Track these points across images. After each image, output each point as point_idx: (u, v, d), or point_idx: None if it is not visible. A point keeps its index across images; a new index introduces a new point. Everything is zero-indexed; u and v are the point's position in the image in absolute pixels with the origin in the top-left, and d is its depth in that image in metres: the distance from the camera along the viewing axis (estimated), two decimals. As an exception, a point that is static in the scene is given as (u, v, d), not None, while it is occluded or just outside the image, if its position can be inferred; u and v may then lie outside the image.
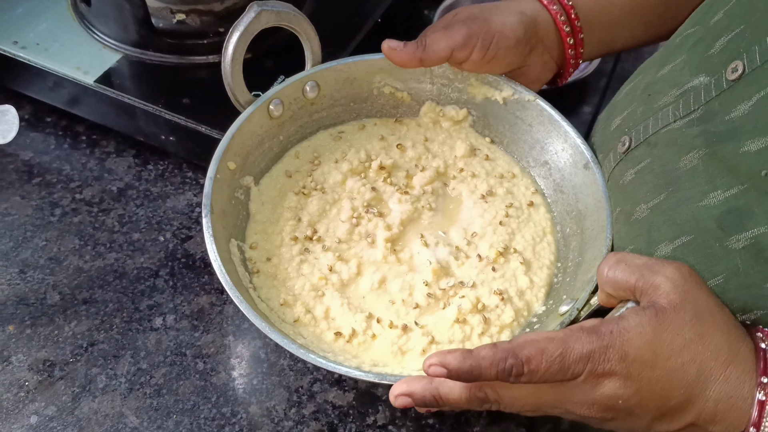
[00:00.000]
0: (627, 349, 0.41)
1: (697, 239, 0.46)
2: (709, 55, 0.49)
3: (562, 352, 0.41)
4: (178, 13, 0.71)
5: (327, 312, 0.56)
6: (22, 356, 0.58)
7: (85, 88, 0.68)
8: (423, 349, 0.54)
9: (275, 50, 0.70)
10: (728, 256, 0.44)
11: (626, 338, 0.42)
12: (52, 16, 0.74)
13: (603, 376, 0.42)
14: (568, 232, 0.61)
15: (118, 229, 0.67)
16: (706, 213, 0.46)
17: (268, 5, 0.57)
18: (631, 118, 0.56)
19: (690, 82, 0.50)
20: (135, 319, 0.61)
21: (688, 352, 0.41)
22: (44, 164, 0.71)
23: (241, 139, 0.60)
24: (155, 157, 0.72)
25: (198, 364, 0.59)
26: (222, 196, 0.57)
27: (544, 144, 0.64)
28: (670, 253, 0.48)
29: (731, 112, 0.45)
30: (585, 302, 0.51)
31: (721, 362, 0.41)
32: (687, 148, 0.48)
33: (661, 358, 0.41)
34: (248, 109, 0.60)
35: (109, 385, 0.57)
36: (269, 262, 0.58)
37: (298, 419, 0.56)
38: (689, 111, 0.49)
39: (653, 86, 0.55)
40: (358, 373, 0.48)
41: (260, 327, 0.48)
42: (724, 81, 0.46)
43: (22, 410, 0.55)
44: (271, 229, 0.60)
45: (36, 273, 0.63)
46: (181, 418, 0.56)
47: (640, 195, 0.52)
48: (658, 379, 0.41)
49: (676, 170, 0.49)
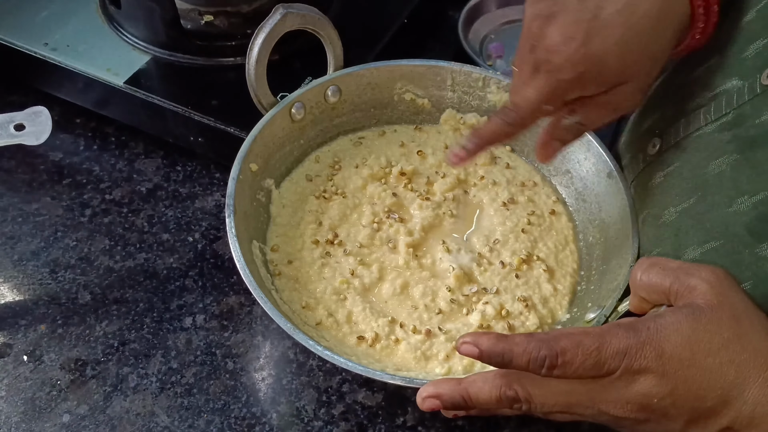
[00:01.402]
0: (664, 345, 0.41)
1: (726, 245, 0.46)
2: (742, 58, 0.48)
3: (599, 346, 0.41)
4: (206, 14, 0.72)
5: (349, 316, 0.56)
6: (54, 355, 0.59)
7: (115, 89, 0.69)
8: (447, 354, 0.54)
9: (303, 52, 0.70)
10: (757, 262, 0.44)
11: (663, 335, 0.41)
12: (81, 18, 0.75)
13: (639, 373, 0.41)
14: (591, 240, 0.61)
15: (147, 229, 0.67)
16: (735, 219, 0.45)
17: (293, 8, 0.58)
18: (662, 120, 0.56)
19: (722, 85, 0.49)
20: (165, 319, 0.61)
21: (726, 352, 0.41)
22: (74, 165, 0.72)
23: (263, 141, 0.60)
24: (183, 158, 0.73)
25: (228, 363, 0.59)
26: (244, 198, 0.57)
27: (566, 153, 0.64)
28: (698, 257, 0.48)
29: (762, 116, 0.45)
30: (612, 309, 0.51)
31: (760, 364, 0.40)
32: (717, 153, 0.48)
33: (698, 356, 0.41)
34: (270, 111, 0.61)
35: (140, 385, 0.58)
36: (291, 264, 0.59)
37: (327, 419, 0.56)
38: (720, 114, 0.49)
39: (685, 88, 0.54)
40: (385, 376, 0.48)
41: (285, 328, 0.49)
42: (758, 85, 0.46)
43: (55, 409, 0.56)
44: (292, 233, 0.61)
45: (67, 273, 0.64)
46: (212, 417, 0.56)
47: (668, 198, 0.52)
48: (694, 378, 0.41)
49: (705, 175, 0.48)
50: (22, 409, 0.56)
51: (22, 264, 0.64)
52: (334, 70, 0.64)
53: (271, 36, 0.57)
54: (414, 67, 0.66)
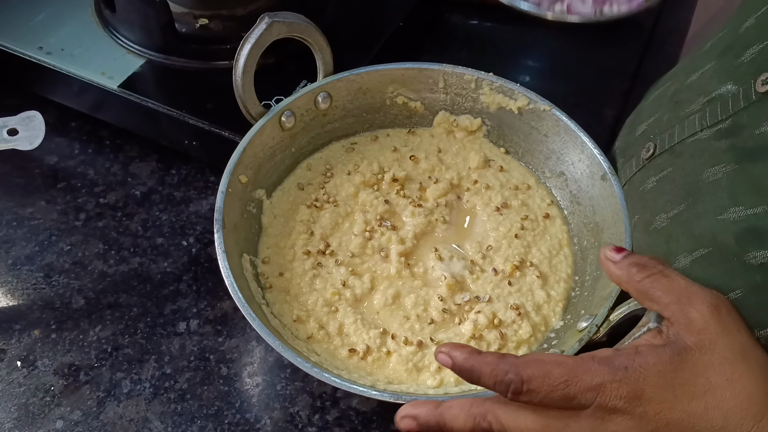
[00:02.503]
0: (644, 387, 0.39)
1: (714, 252, 0.45)
2: (738, 63, 0.48)
3: (567, 380, 0.39)
4: (200, 18, 0.71)
5: (340, 328, 0.56)
6: (48, 360, 0.59)
7: (109, 93, 0.69)
8: (438, 366, 0.54)
9: (298, 55, 0.70)
10: (747, 271, 0.43)
11: (643, 375, 0.40)
12: (76, 21, 0.75)
13: (614, 412, 0.40)
14: (586, 244, 0.60)
15: (141, 233, 0.67)
16: (723, 227, 0.45)
17: (279, 16, 0.57)
18: (657, 125, 0.55)
19: (717, 90, 0.49)
20: (159, 324, 0.61)
21: (713, 398, 0.39)
22: (69, 169, 0.72)
23: (252, 152, 0.60)
24: (178, 162, 0.73)
25: (222, 369, 0.59)
26: (234, 210, 0.57)
27: (560, 154, 0.63)
28: (688, 264, 0.47)
29: (761, 126, 0.44)
30: (604, 318, 0.50)
31: (753, 413, 0.38)
32: (714, 160, 0.47)
33: (681, 400, 0.39)
34: (260, 121, 0.60)
35: (133, 390, 0.58)
36: (282, 276, 0.59)
37: (322, 425, 0.56)
38: (716, 121, 0.48)
39: (680, 93, 0.54)
40: (372, 393, 0.48)
41: (273, 345, 0.49)
42: (753, 92, 0.45)
43: (48, 415, 0.56)
44: (284, 243, 0.61)
45: (61, 277, 0.64)
46: (206, 423, 0.56)
47: (659, 204, 0.51)
48: (677, 422, 0.39)
49: (697, 182, 0.48)
50: (16, 415, 0.56)
51: (17, 268, 0.64)
52: (324, 77, 0.64)
53: (257, 46, 0.57)
54: (405, 70, 0.65)
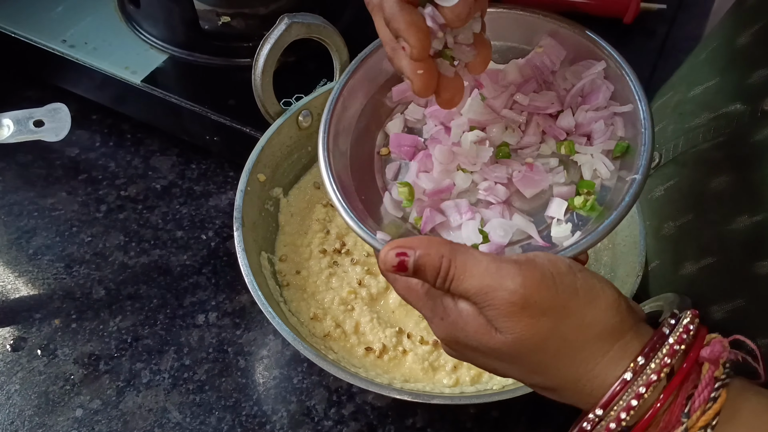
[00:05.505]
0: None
1: (721, 261, 0.46)
2: (747, 84, 0.49)
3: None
4: (223, 15, 0.72)
5: (357, 327, 0.57)
6: (68, 350, 0.60)
7: (132, 87, 0.70)
8: (454, 365, 0.54)
9: (318, 54, 0.71)
10: (752, 280, 0.44)
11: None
12: (98, 15, 0.75)
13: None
14: (599, 246, 0.61)
15: (162, 226, 0.68)
16: (731, 237, 0.45)
17: (298, 17, 0.58)
18: (661, 135, 0.56)
19: (724, 108, 0.50)
20: (178, 316, 0.62)
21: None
22: (90, 161, 0.72)
23: (270, 151, 0.61)
24: (198, 156, 0.74)
25: (240, 361, 0.60)
26: (253, 209, 0.58)
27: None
28: (695, 272, 0.48)
29: (756, 135, 0.45)
30: None
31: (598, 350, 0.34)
32: (715, 170, 0.48)
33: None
34: (277, 120, 0.61)
35: (153, 380, 0.58)
36: (298, 275, 0.59)
37: (337, 419, 0.57)
38: (719, 134, 0.49)
39: (684, 105, 0.55)
40: (393, 391, 0.49)
41: (293, 342, 0.50)
42: (759, 111, 0.46)
43: (68, 403, 0.57)
44: (300, 242, 0.61)
45: (82, 268, 0.65)
46: (223, 414, 0.57)
47: (667, 212, 0.52)
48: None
49: (703, 192, 0.49)
50: (36, 402, 0.57)
51: (37, 258, 0.65)
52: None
53: (276, 46, 0.57)
54: None
